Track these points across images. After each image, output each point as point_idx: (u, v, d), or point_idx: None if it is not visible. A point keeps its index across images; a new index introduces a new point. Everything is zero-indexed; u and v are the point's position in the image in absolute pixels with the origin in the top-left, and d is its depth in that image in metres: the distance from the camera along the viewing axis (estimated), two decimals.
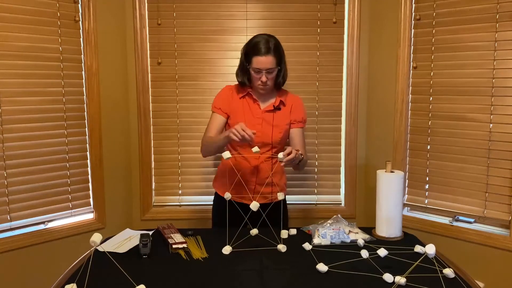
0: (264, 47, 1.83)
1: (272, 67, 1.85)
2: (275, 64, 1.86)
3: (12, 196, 2.13)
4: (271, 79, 1.89)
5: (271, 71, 1.87)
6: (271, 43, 1.85)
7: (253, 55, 1.85)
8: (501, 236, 2.10)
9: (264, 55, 1.83)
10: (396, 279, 1.41)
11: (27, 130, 2.15)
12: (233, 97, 1.98)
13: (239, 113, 1.95)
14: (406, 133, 2.38)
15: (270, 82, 1.90)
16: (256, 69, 1.86)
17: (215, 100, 2.00)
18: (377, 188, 1.91)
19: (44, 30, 2.16)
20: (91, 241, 1.22)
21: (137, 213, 2.60)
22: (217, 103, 1.98)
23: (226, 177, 2.00)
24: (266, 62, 1.83)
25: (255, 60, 1.84)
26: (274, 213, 1.90)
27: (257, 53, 1.84)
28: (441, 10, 2.22)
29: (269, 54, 1.83)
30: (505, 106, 2.06)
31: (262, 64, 1.84)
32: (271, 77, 1.88)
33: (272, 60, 1.85)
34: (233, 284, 1.42)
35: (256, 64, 1.85)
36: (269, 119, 1.94)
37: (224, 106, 1.96)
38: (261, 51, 1.83)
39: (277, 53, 1.87)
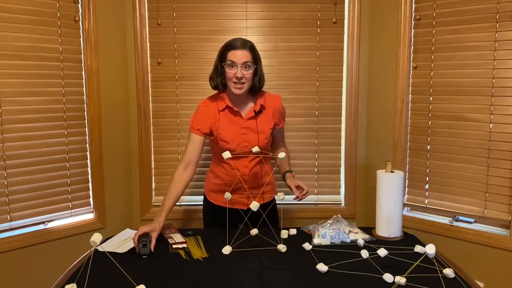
0: (240, 42, 1.83)
1: (248, 60, 1.82)
2: (250, 59, 1.83)
3: (12, 196, 2.13)
4: (248, 78, 1.84)
5: (246, 67, 1.82)
6: (247, 42, 1.85)
7: (229, 50, 1.83)
8: (501, 236, 2.10)
9: (240, 49, 1.81)
10: (396, 279, 1.41)
11: (27, 130, 2.15)
12: (213, 113, 1.92)
13: (223, 126, 1.91)
14: (406, 133, 2.38)
15: (246, 83, 1.84)
16: (231, 62, 1.82)
17: (193, 121, 1.94)
18: (377, 188, 1.91)
19: (44, 30, 2.16)
20: (91, 241, 1.22)
21: (137, 213, 2.60)
22: (195, 124, 1.92)
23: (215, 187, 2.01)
24: (241, 56, 1.81)
25: (231, 54, 1.82)
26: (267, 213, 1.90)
27: (233, 47, 1.82)
28: (441, 10, 2.22)
29: (245, 49, 1.82)
30: (505, 106, 2.06)
31: (237, 57, 1.81)
32: (247, 75, 1.83)
33: (248, 55, 1.82)
34: (233, 284, 1.42)
35: (231, 57, 1.82)
36: (253, 126, 1.91)
37: (204, 126, 1.91)
38: (237, 45, 1.82)
39: (253, 52, 1.85)
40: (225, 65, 1.84)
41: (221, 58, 1.87)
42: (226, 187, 1.95)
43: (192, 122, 1.94)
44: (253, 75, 1.86)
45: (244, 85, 1.84)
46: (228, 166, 1.93)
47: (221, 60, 1.87)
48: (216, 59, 1.91)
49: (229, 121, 1.91)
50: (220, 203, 2.01)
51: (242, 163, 1.91)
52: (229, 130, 1.90)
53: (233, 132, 1.89)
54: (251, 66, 1.84)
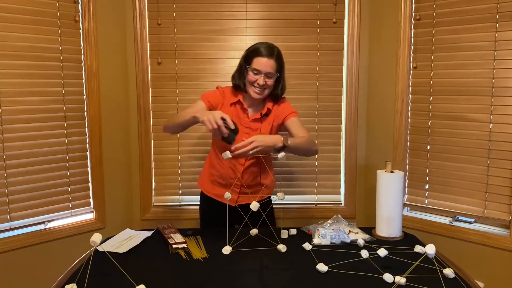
0: (267, 50, 1.82)
1: (272, 71, 1.83)
2: (275, 69, 1.84)
3: (12, 196, 2.13)
4: (269, 86, 1.86)
5: (270, 76, 1.84)
6: (274, 49, 1.84)
7: (255, 56, 1.83)
8: (501, 236, 2.10)
9: (266, 57, 1.81)
10: (396, 279, 1.41)
11: (27, 130, 2.15)
12: (224, 101, 1.94)
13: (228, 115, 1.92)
14: (406, 133, 2.38)
15: (267, 89, 1.87)
16: (256, 70, 1.83)
17: (206, 94, 1.94)
18: (377, 188, 1.91)
19: (44, 30, 2.16)
20: (91, 241, 1.22)
21: (137, 213, 2.60)
22: (208, 96, 1.92)
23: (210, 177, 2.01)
24: (267, 65, 1.81)
25: (256, 61, 1.82)
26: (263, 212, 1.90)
27: (260, 54, 1.82)
28: (441, 10, 2.22)
29: (271, 57, 1.82)
30: (505, 106, 2.06)
31: (262, 65, 1.81)
32: (269, 83, 1.85)
33: (273, 65, 1.82)
34: (233, 284, 1.42)
35: (256, 65, 1.82)
36: (256, 127, 1.92)
37: (214, 102, 1.92)
38: (264, 53, 1.81)
39: (279, 61, 1.85)
40: (249, 69, 1.84)
41: (246, 60, 1.87)
42: (220, 179, 1.96)
43: (206, 94, 1.94)
44: (275, 82, 1.87)
45: (264, 91, 1.87)
46: (219, 158, 1.95)
47: (245, 61, 1.87)
48: (241, 59, 1.92)
49: (235, 116, 1.91)
50: (210, 194, 2.02)
51: (240, 160, 1.92)
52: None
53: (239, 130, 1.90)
54: (274, 75, 1.85)
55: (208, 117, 1.62)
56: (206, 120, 1.62)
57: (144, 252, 1.69)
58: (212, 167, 2.01)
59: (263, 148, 1.66)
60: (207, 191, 2.03)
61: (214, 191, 1.99)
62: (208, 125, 1.61)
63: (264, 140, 1.67)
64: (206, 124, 1.63)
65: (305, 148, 1.84)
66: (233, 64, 2.51)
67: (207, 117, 1.62)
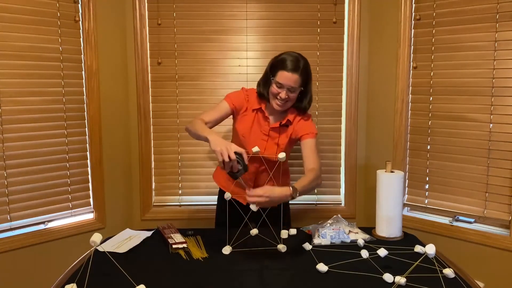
0: (293, 64, 1.77)
1: (295, 86, 1.78)
2: (299, 84, 1.79)
3: (12, 196, 2.13)
4: (292, 99, 1.82)
5: (293, 90, 1.79)
6: (300, 63, 1.79)
7: (280, 69, 1.78)
8: (501, 236, 2.10)
9: (291, 72, 1.76)
10: (396, 279, 1.41)
11: (27, 130, 2.15)
12: (248, 105, 1.92)
13: (247, 122, 1.91)
14: (406, 133, 2.38)
15: (289, 102, 1.83)
16: (279, 84, 1.78)
17: (232, 96, 1.93)
18: (377, 188, 1.91)
19: (44, 30, 2.16)
20: (91, 241, 1.22)
21: (137, 213, 2.60)
22: (233, 98, 1.92)
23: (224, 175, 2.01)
24: (290, 79, 1.76)
25: (280, 74, 1.77)
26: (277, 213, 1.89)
27: (284, 67, 1.77)
28: (441, 10, 2.22)
29: (296, 72, 1.76)
30: (505, 106, 2.06)
31: (286, 80, 1.76)
32: (292, 97, 1.81)
33: (297, 80, 1.78)
34: (233, 284, 1.42)
35: (280, 78, 1.77)
36: (274, 136, 1.90)
37: (238, 105, 1.92)
38: (289, 66, 1.76)
39: (304, 75, 1.80)
40: (273, 81, 1.81)
41: (271, 70, 1.83)
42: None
43: (231, 95, 1.93)
44: (298, 95, 1.84)
45: (286, 104, 1.84)
46: None
47: (271, 71, 1.83)
48: (268, 66, 1.88)
49: (255, 122, 1.90)
50: (223, 187, 2.04)
51: (252, 163, 1.91)
52: (252, 129, 1.90)
53: (253, 133, 1.90)
54: (298, 89, 1.81)
55: (221, 148, 1.55)
56: (218, 151, 1.55)
57: (144, 252, 1.69)
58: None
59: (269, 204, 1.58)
60: (221, 185, 2.05)
61: (229, 188, 2.00)
62: (219, 156, 1.55)
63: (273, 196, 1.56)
64: (217, 155, 1.56)
65: (311, 189, 1.79)
66: (233, 64, 2.52)
67: (220, 148, 1.55)
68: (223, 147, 1.55)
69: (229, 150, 1.55)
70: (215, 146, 1.58)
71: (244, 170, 1.58)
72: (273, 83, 1.80)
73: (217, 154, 1.56)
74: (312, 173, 1.77)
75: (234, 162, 1.54)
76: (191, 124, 1.84)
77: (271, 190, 1.56)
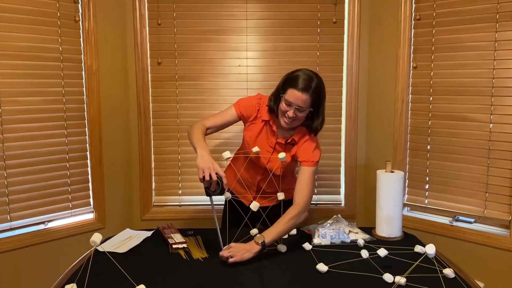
0: (304, 83, 1.70)
1: (304, 106, 1.72)
2: (308, 104, 1.73)
3: (12, 196, 2.13)
4: (300, 118, 1.76)
5: (301, 110, 1.73)
6: (313, 83, 1.72)
7: (291, 87, 1.71)
8: (501, 236, 2.10)
9: (301, 91, 1.69)
10: (396, 279, 1.41)
11: (27, 130, 2.15)
12: (258, 114, 1.88)
13: (254, 131, 1.88)
14: (406, 133, 2.38)
15: (297, 121, 1.77)
16: (288, 102, 1.72)
17: (242, 102, 1.90)
18: (377, 188, 1.91)
19: (44, 30, 2.16)
20: (91, 241, 1.22)
21: (137, 213, 2.60)
22: (242, 107, 1.89)
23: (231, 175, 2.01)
24: (300, 99, 1.70)
25: (290, 92, 1.71)
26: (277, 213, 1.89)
27: (295, 86, 1.70)
28: (441, 10, 2.22)
29: (306, 92, 1.70)
30: (505, 106, 2.06)
31: (295, 99, 1.70)
32: (300, 116, 1.75)
33: (307, 100, 1.71)
34: (233, 284, 1.42)
35: (289, 96, 1.71)
36: (279, 151, 1.86)
37: (247, 114, 1.89)
38: (299, 85, 1.70)
39: (315, 95, 1.73)
40: (282, 98, 1.75)
41: (283, 86, 1.77)
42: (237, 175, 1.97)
43: (241, 103, 1.90)
44: (307, 115, 1.78)
45: (293, 123, 1.78)
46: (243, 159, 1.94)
47: (282, 87, 1.77)
48: (280, 82, 1.82)
49: (263, 132, 1.88)
50: (230, 187, 2.03)
51: (259, 170, 1.91)
52: (258, 138, 1.88)
53: (260, 143, 1.87)
54: (306, 109, 1.75)
55: (205, 166, 1.60)
56: (201, 168, 1.60)
57: (144, 252, 1.69)
58: (237, 162, 2.01)
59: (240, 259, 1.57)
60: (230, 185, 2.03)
61: (236, 188, 2.00)
62: (200, 173, 1.59)
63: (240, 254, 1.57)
64: (198, 171, 1.60)
65: (289, 230, 1.74)
66: (233, 64, 2.52)
67: (204, 165, 1.60)
68: (207, 166, 1.60)
69: (211, 170, 1.59)
70: (200, 163, 1.62)
71: (220, 193, 1.63)
72: (283, 100, 1.74)
73: (199, 171, 1.61)
74: (294, 211, 1.73)
75: (214, 182, 1.60)
76: (191, 128, 1.85)
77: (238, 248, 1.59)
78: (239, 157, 2.00)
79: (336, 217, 1.90)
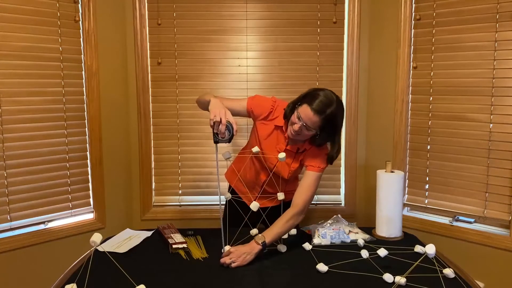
0: (320, 105, 1.64)
1: (311, 126, 1.67)
2: (317, 127, 1.68)
3: (12, 196, 2.13)
4: (305, 136, 1.74)
5: (309, 129, 1.69)
6: (329, 108, 1.65)
7: (306, 102, 1.66)
8: (501, 236, 2.10)
9: (313, 111, 1.64)
10: (396, 279, 1.41)
11: (27, 130, 2.15)
12: (270, 116, 1.84)
13: (265, 131, 1.86)
14: (406, 133, 2.38)
15: (301, 136, 1.74)
16: (299, 115, 1.68)
17: (257, 99, 1.86)
18: (377, 188, 1.91)
19: (44, 30, 2.16)
20: (91, 241, 1.22)
21: (137, 213, 2.60)
22: (255, 103, 1.85)
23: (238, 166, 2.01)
24: (309, 118, 1.65)
25: (304, 108, 1.66)
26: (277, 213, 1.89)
27: (310, 103, 1.65)
28: (441, 10, 2.22)
29: (318, 114, 1.64)
30: (505, 106, 2.06)
31: (305, 116, 1.66)
32: (306, 134, 1.72)
33: (316, 122, 1.66)
34: (233, 284, 1.42)
35: (301, 111, 1.67)
36: (289, 155, 1.84)
37: (257, 111, 1.85)
38: (314, 105, 1.64)
39: (327, 121, 1.67)
40: (296, 109, 1.71)
41: (301, 99, 1.72)
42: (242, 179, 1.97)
43: (257, 99, 1.86)
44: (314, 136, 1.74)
45: (297, 137, 1.75)
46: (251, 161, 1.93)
47: (300, 100, 1.72)
48: (302, 93, 1.76)
49: (274, 136, 1.85)
50: (235, 187, 2.03)
51: (266, 172, 1.90)
52: (269, 140, 1.86)
53: (269, 146, 1.86)
54: (313, 131, 1.71)
55: (218, 109, 1.60)
56: (213, 111, 1.60)
57: (144, 252, 1.69)
58: (240, 162, 2.00)
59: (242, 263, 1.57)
60: (230, 181, 2.04)
61: (238, 187, 2.00)
62: (212, 116, 1.59)
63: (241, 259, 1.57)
64: (210, 114, 1.60)
65: (287, 230, 1.75)
66: (233, 64, 2.52)
67: (217, 109, 1.60)
68: (219, 110, 1.60)
69: (223, 115, 1.59)
70: (212, 107, 1.63)
71: (229, 140, 1.63)
72: (296, 112, 1.70)
73: (211, 114, 1.61)
74: (292, 211, 1.73)
75: (223, 126, 1.59)
76: (201, 95, 1.85)
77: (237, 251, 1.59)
78: (244, 157, 1.99)
79: (336, 217, 1.90)
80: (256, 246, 1.60)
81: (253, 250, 1.60)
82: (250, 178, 1.96)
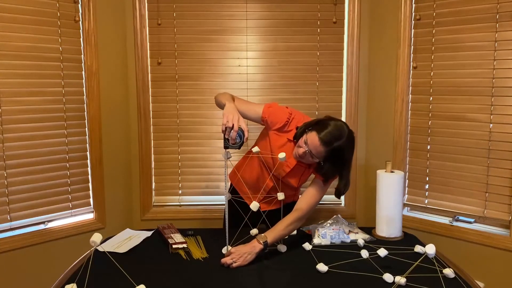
0: (328, 136, 1.61)
1: (315, 155, 1.65)
2: (321, 157, 1.65)
3: (12, 196, 2.13)
4: (309, 161, 1.72)
5: (313, 156, 1.67)
6: (337, 142, 1.62)
7: (316, 130, 1.64)
8: (501, 236, 2.10)
9: (320, 141, 1.61)
10: (396, 279, 1.41)
11: (27, 130, 2.15)
12: (286, 128, 1.81)
13: (279, 142, 1.83)
14: (406, 133, 2.38)
15: (306, 161, 1.73)
16: (306, 141, 1.66)
17: (273, 108, 1.83)
18: (377, 188, 1.91)
19: (44, 30, 2.16)
20: (91, 241, 1.22)
21: (137, 213, 2.60)
22: (271, 112, 1.81)
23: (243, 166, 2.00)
24: (315, 146, 1.63)
25: (313, 134, 1.64)
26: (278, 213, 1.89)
27: (319, 132, 1.62)
28: (441, 10, 2.22)
29: (324, 145, 1.61)
30: (505, 106, 2.06)
31: (312, 143, 1.63)
32: (310, 160, 1.70)
33: (321, 152, 1.63)
34: (233, 284, 1.43)
35: (309, 137, 1.65)
36: (298, 170, 1.84)
37: (271, 120, 1.81)
38: (322, 135, 1.62)
39: (332, 154, 1.64)
40: (305, 133, 1.69)
41: (314, 124, 1.70)
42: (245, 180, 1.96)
43: (272, 104, 1.84)
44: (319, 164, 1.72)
45: (302, 160, 1.74)
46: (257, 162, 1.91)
47: (313, 125, 1.70)
48: (317, 118, 1.75)
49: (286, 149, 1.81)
50: (233, 183, 2.03)
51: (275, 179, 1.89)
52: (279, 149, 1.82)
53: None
54: (316, 159, 1.69)
55: (231, 116, 1.61)
56: (226, 115, 1.61)
57: (144, 252, 1.70)
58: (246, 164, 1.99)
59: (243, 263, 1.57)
60: (238, 187, 2.02)
61: (241, 187, 2.00)
62: (224, 120, 1.60)
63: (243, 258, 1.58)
64: (223, 118, 1.61)
65: (288, 233, 1.74)
66: (233, 64, 2.52)
67: (230, 115, 1.61)
68: (232, 116, 1.61)
69: (235, 121, 1.60)
70: (226, 111, 1.64)
71: (239, 147, 1.64)
72: (304, 135, 1.68)
73: (223, 118, 1.61)
74: (295, 215, 1.73)
75: (234, 133, 1.60)
76: (220, 94, 1.86)
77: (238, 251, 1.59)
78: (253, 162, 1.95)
79: (336, 217, 1.90)
80: (258, 246, 1.61)
81: (254, 250, 1.60)
82: (257, 182, 1.94)
